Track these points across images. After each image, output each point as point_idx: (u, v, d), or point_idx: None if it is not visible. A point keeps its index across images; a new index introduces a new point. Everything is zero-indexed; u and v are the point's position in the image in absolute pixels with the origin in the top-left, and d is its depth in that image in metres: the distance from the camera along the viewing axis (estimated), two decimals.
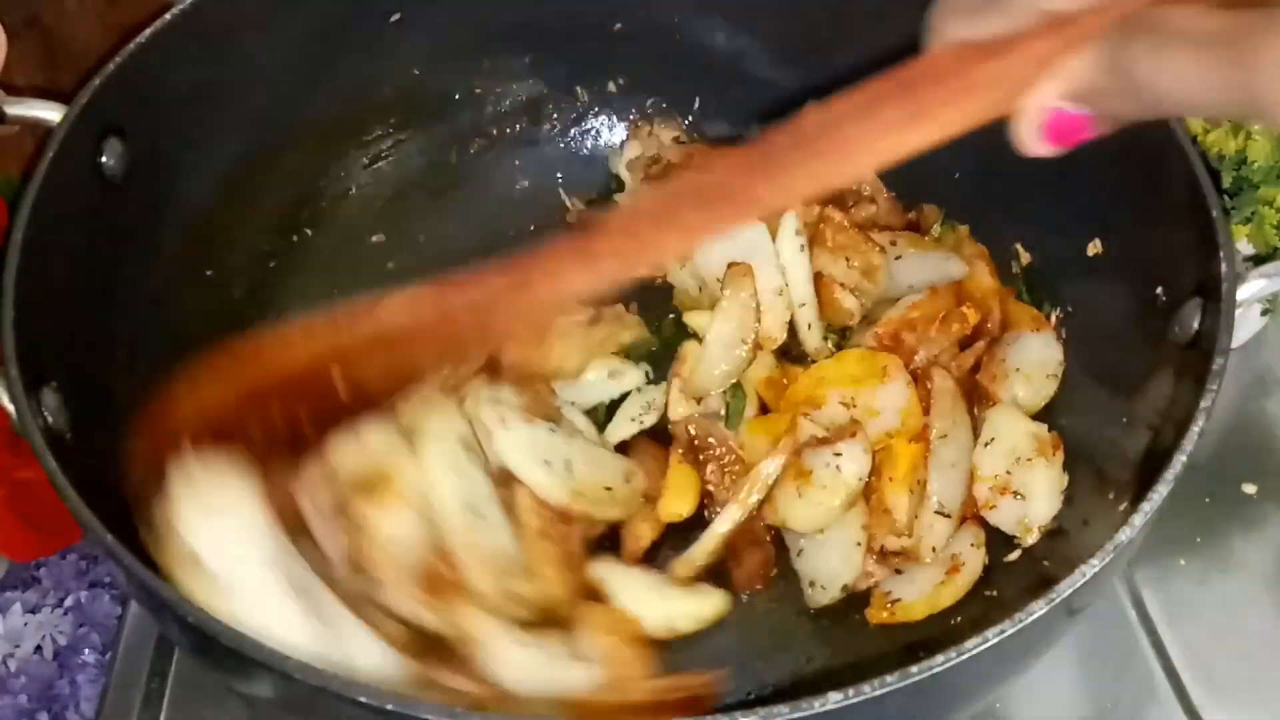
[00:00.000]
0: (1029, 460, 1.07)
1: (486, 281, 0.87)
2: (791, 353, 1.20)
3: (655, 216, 0.84)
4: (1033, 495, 1.06)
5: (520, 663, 0.92)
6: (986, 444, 1.10)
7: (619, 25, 1.34)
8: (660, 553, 1.09)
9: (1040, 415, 1.13)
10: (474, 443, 1.04)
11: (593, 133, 1.41)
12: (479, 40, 1.33)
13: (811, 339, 1.20)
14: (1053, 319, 1.18)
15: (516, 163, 1.39)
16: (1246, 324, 1.29)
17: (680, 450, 1.12)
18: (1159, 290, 1.02)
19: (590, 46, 1.35)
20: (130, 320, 1.10)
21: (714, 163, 0.88)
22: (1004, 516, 1.07)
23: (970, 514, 1.10)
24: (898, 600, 1.05)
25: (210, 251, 1.21)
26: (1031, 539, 1.05)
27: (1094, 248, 1.13)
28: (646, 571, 1.07)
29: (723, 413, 1.15)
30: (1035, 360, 1.15)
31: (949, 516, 1.08)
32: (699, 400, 1.16)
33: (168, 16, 1.12)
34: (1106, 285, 1.12)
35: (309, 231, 1.31)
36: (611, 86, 1.39)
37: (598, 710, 0.91)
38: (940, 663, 0.74)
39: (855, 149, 0.77)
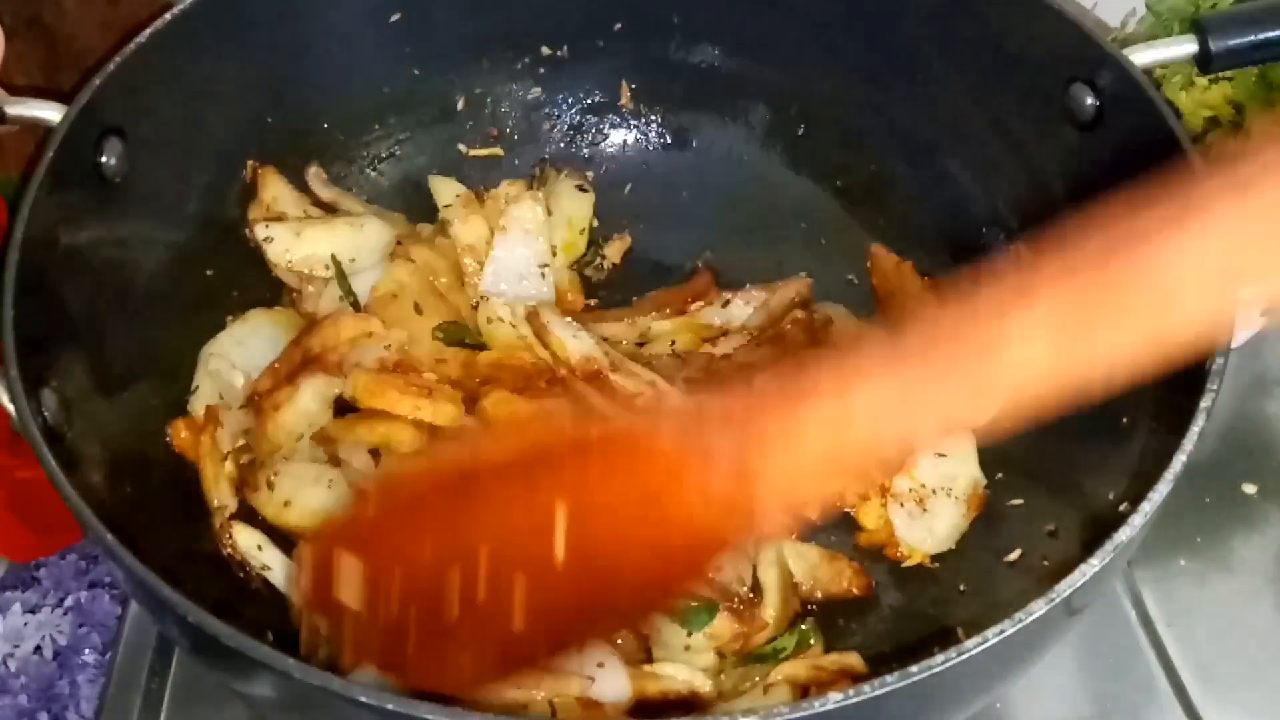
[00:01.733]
0: (952, 495, 1.10)
1: (747, 392, 0.66)
2: None
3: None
4: (935, 522, 1.09)
5: None
6: (939, 454, 1.11)
7: (619, 25, 1.34)
8: None
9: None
10: None
11: (593, 132, 1.41)
12: (479, 40, 1.33)
13: None
14: None
15: (516, 163, 1.39)
16: (1246, 324, 1.29)
17: None
18: None
19: (591, 46, 1.36)
20: (130, 320, 1.10)
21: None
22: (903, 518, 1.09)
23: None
24: None
25: (210, 252, 1.20)
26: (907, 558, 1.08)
27: None
28: None
29: None
30: None
31: None
32: None
33: (168, 16, 1.12)
34: None
35: None
36: (611, 85, 1.39)
37: None
38: (940, 663, 0.74)
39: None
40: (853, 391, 0.63)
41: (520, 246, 1.23)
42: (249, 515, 1.08)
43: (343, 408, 1.14)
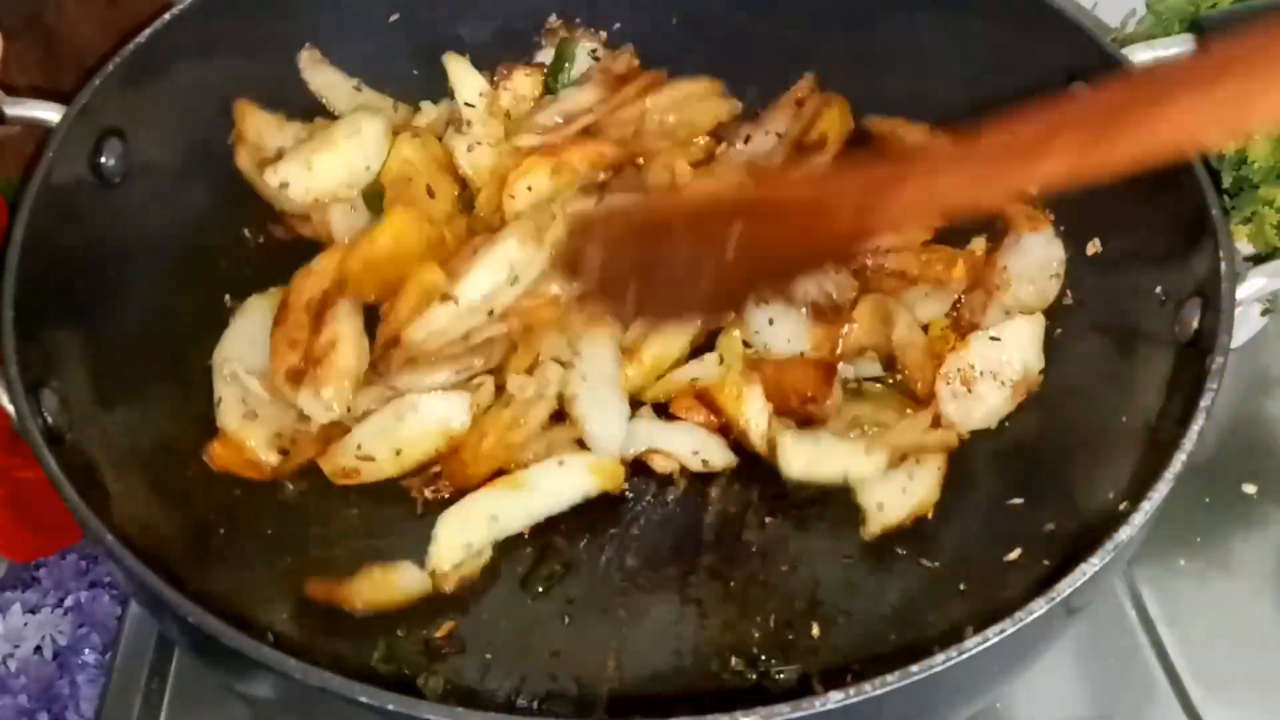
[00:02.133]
0: (999, 379, 1.11)
1: (866, 174, 0.89)
2: None
3: (1035, 140, 0.79)
4: (980, 403, 1.11)
5: None
6: (992, 337, 1.12)
7: (618, 25, 1.34)
8: None
9: (1040, 407, 1.13)
10: None
11: None
12: (478, 40, 1.33)
13: None
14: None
15: None
16: (1246, 324, 1.29)
17: None
18: (1159, 290, 1.02)
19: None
20: (129, 320, 1.10)
21: (1101, 92, 0.88)
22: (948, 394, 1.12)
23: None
24: None
25: (210, 252, 1.21)
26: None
27: (1093, 247, 1.13)
28: None
29: None
30: (1036, 260, 1.16)
31: None
32: None
33: (167, 16, 1.12)
34: (1106, 284, 1.12)
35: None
36: None
37: None
38: (940, 662, 0.74)
39: (1254, 97, 0.73)
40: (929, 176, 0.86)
41: None
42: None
43: None
